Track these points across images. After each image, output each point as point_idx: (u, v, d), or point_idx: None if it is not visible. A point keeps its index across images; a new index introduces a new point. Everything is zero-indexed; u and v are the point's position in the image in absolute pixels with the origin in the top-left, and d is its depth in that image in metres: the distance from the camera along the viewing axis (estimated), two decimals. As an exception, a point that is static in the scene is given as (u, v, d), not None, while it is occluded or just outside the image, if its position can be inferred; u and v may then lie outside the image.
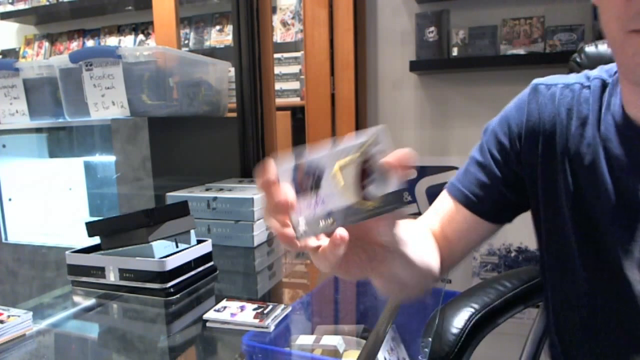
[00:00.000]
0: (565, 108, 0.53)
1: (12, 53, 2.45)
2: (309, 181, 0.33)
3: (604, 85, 0.52)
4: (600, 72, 0.54)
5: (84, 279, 0.77)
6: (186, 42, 2.12)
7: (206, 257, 0.81)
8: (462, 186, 0.58)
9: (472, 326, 0.60)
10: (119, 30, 2.26)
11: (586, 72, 0.55)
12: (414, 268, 0.45)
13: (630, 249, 0.47)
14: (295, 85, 1.83)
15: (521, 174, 0.56)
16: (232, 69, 1.40)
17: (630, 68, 0.43)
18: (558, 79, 0.55)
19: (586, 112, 0.51)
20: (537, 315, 0.76)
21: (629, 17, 0.40)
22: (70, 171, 1.30)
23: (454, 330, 0.59)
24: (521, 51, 1.33)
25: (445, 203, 0.60)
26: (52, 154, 1.20)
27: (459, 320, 0.61)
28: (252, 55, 1.39)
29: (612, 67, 0.54)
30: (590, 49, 0.74)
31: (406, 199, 0.31)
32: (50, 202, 1.28)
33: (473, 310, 0.62)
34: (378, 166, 0.32)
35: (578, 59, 0.73)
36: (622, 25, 0.40)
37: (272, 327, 0.58)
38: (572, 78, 0.55)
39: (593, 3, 0.48)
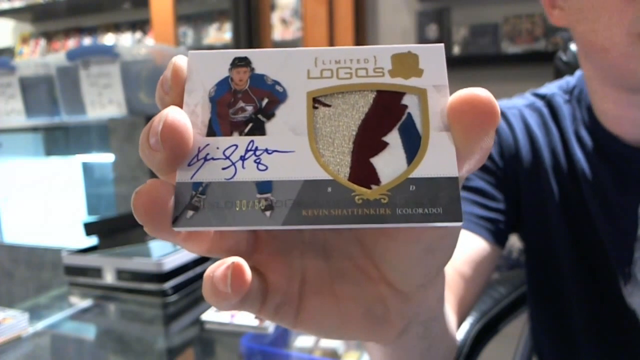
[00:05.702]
0: (538, 127, 0.51)
1: (8, 51, 2.43)
2: (247, 107, 0.16)
3: (564, 102, 0.51)
4: (551, 89, 0.53)
5: (81, 279, 0.76)
6: (184, 40, 2.11)
7: (205, 257, 0.80)
8: (469, 212, 0.51)
9: (473, 336, 0.59)
10: (117, 28, 2.25)
11: (533, 91, 0.54)
12: (437, 339, 0.27)
13: (629, 272, 0.45)
14: (294, 83, 1.82)
15: (509, 193, 0.52)
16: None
17: (636, 77, 0.41)
18: (514, 102, 0.54)
19: (559, 130, 0.50)
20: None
21: (633, 19, 0.38)
22: (67, 170, 1.29)
23: (457, 343, 0.58)
24: (521, 49, 1.32)
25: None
26: (49, 153, 1.19)
27: (460, 332, 0.60)
28: (250, 53, 1.38)
29: (565, 83, 0.53)
30: (575, 46, 0.73)
31: (457, 209, 0.15)
32: (47, 201, 1.27)
33: (472, 320, 0.61)
34: (421, 112, 0.16)
35: (563, 58, 0.71)
36: (627, 28, 0.39)
37: (271, 329, 0.57)
38: (524, 100, 0.54)
39: (557, 25, 0.46)
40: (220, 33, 2.07)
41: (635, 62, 0.40)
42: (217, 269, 0.16)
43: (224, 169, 0.16)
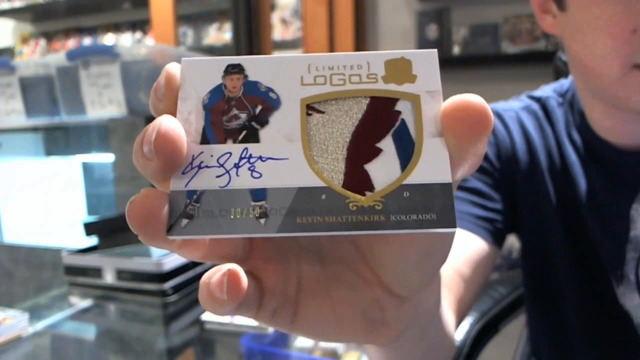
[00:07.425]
0: (534, 129, 0.51)
1: (8, 51, 2.43)
2: (241, 114, 0.16)
3: (558, 105, 0.52)
4: (546, 92, 0.53)
5: (81, 279, 0.76)
6: (184, 40, 2.11)
7: (204, 258, 0.80)
8: (467, 212, 0.50)
9: (473, 336, 0.59)
10: (117, 28, 2.25)
11: (529, 93, 0.55)
12: (435, 340, 0.29)
13: (621, 273, 0.45)
14: (294, 83, 1.82)
15: (506, 194, 0.52)
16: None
17: (629, 102, 0.41)
18: (510, 105, 0.54)
19: (554, 132, 0.50)
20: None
21: (634, 51, 0.38)
22: (67, 170, 1.29)
23: (456, 343, 0.58)
24: (521, 49, 1.33)
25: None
26: (49, 153, 1.19)
27: (459, 331, 0.60)
28: (250, 53, 1.38)
29: (559, 86, 0.53)
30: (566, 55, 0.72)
31: (451, 215, 0.15)
32: (47, 201, 1.27)
33: (472, 320, 0.61)
34: (415, 118, 0.16)
35: (563, 58, 0.71)
36: (625, 58, 0.39)
37: (271, 329, 0.57)
38: (520, 102, 0.54)
39: (548, 31, 0.46)
40: (220, 33, 2.07)
41: (628, 91, 0.40)
42: (213, 275, 0.16)
43: (218, 176, 0.16)
